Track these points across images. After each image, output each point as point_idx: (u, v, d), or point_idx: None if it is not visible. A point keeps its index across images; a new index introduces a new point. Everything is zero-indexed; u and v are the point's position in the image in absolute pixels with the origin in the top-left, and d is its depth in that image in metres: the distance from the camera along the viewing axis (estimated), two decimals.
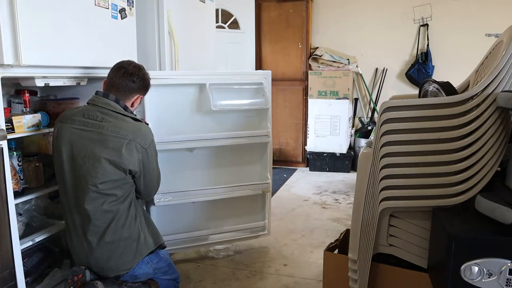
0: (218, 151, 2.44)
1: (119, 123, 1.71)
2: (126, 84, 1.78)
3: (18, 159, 1.79)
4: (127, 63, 1.81)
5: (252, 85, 2.46)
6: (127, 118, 1.75)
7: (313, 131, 4.69)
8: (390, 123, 1.46)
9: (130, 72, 1.78)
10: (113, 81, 1.77)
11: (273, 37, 4.83)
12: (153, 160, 1.83)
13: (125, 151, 1.67)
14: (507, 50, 1.34)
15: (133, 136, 1.70)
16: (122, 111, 1.75)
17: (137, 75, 1.80)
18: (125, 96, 1.79)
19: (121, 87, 1.77)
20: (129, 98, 1.81)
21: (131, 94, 1.81)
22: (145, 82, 1.85)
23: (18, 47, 1.51)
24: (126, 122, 1.73)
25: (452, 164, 1.40)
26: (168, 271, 1.89)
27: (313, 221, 3.20)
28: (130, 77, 1.78)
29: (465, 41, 4.42)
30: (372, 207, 1.55)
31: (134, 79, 1.79)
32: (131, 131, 1.71)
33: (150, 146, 1.77)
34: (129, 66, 1.80)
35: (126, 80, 1.77)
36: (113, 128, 1.69)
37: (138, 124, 1.78)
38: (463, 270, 1.22)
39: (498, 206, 1.22)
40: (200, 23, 2.93)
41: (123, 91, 1.78)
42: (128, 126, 1.72)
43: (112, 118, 1.71)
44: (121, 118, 1.74)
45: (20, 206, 1.88)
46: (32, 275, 1.85)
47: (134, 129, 1.72)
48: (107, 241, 1.69)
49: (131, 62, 1.84)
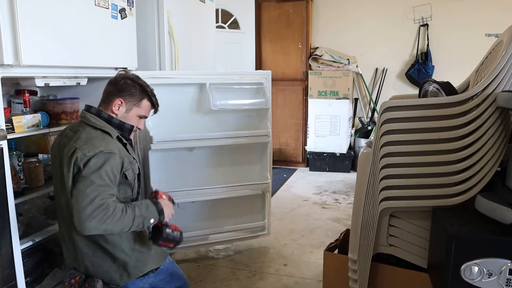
0: (218, 151, 2.44)
1: (83, 135, 1.52)
2: (105, 90, 1.65)
3: (18, 159, 1.79)
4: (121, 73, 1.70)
5: (252, 85, 2.46)
6: (94, 131, 1.54)
7: (313, 131, 4.69)
8: (390, 123, 1.46)
9: (112, 79, 1.67)
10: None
11: (273, 37, 4.83)
12: (88, 179, 1.41)
13: (67, 160, 1.46)
14: (507, 50, 1.34)
15: (82, 143, 1.46)
16: (95, 124, 1.55)
17: (115, 79, 1.66)
18: (105, 103, 1.62)
19: (103, 95, 1.65)
20: (109, 105, 1.62)
21: (109, 99, 1.62)
22: (119, 85, 1.62)
23: (18, 47, 1.51)
24: (89, 133, 1.53)
25: (452, 164, 1.40)
26: (171, 280, 1.73)
27: (313, 221, 3.20)
28: (109, 83, 1.66)
29: (465, 41, 4.42)
30: (372, 207, 1.55)
31: (111, 82, 1.65)
32: (84, 140, 1.48)
33: (94, 159, 1.43)
34: (117, 75, 1.69)
35: (106, 86, 1.66)
36: (75, 139, 1.51)
37: (99, 134, 1.54)
38: (463, 270, 1.22)
39: (498, 206, 1.22)
40: (200, 23, 2.93)
41: (103, 98, 1.64)
42: (86, 136, 1.51)
43: (84, 130, 1.54)
44: (89, 130, 1.54)
45: (20, 206, 1.88)
46: (32, 275, 1.85)
47: (88, 138, 1.50)
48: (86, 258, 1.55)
49: (127, 72, 1.71)
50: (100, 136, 1.53)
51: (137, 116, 1.67)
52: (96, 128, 1.55)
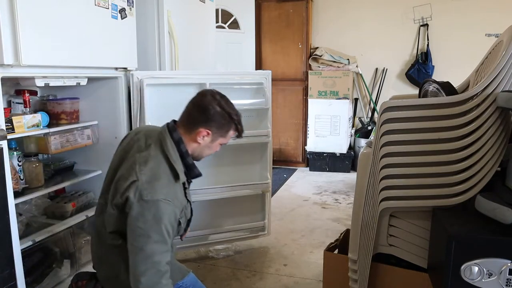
0: (218, 151, 2.43)
1: (151, 164, 1.37)
2: (190, 112, 1.49)
3: (18, 159, 1.79)
4: (208, 90, 1.54)
5: (252, 85, 2.46)
6: (164, 166, 1.39)
7: (313, 131, 4.69)
8: (390, 123, 1.46)
9: (198, 100, 1.49)
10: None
11: (273, 37, 4.83)
12: (141, 229, 1.28)
13: (123, 183, 1.36)
14: (507, 50, 1.34)
15: (144, 181, 1.32)
16: (170, 156, 1.41)
17: (202, 103, 1.47)
18: (189, 129, 1.47)
19: (186, 114, 1.50)
20: (193, 133, 1.47)
21: (194, 126, 1.46)
22: (208, 114, 1.45)
23: (18, 47, 1.51)
24: (157, 167, 1.38)
25: (452, 164, 1.40)
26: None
27: (313, 221, 3.20)
28: (192, 102, 1.49)
29: (465, 41, 4.42)
30: (372, 207, 1.55)
31: (199, 107, 1.47)
32: (148, 176, 1.34)
33: (151, 208, 1.30)
34: (205, 92, 1.50)
35: (191, 106, 1.49)
36: (141, 162, 1.38)
37: (166, 175, 1.38)
38: (463, 270, 1.22)
39: (498, 206, 1.22)
40: (200, 23, 2.92)
41: (186, 119, 1.49)
42: (153, 171, 1.36)
43: (155, 157, 1.40)
44: (159, 160, 1.39)
45: (20, 206, 1.88)
46: (32, 275, 1.85)
47: (153, 175, 1.35)
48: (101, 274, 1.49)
49: (213, 91, 1.53)
50: (166, 179, 1.37)
51: (219, 144, 1.54)
52: (168, 162, 1.40)
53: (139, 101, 2.13)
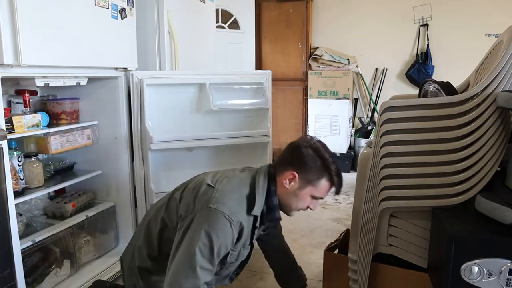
0: (218, 151, 2.44)
1: (235, 181, 1.36)
2: (285, 151, 1.43)
3: (18, 159, 1.79)
4: (309, 135, 1.49)
5: (252, 85, 2.46)
6: (245, 190, 1.34)
7: (313, 131, 4.69)
8: (390, 123, 1.46)
9: (296, 141, 1.42)
10: None
11: (273, 37, 4.83)
12: (191, 232, 1.26)
13: (194, 184, 1.36)
14: (507, 50, 1.34)
15: (219, 189, 1.31)
16: (257, 185, 1.35)
17: (298, 143, 1.40)
18: (279, 170, 1.40)
19: (282, 153, 1.44)
20: (281, 174, 1.39)
21: (283, 167, 1.39)
22: (298, 153, 1.36)
23: (18, 47, 1.51)
24: (239, 188, 1.34)
25: (452, 164, 1.40)
26: None
27: (313, 221, 3.20)
28: (290, 145, 1.42)
29: (465, 41, 4.42)
30: (372, 207, 1.55)
31: (292, 147, 1.41)
32: (225, 186, 1.32)
33: (211, 213, 1.25)
34: (304, 136, 1.45)
35: (287, 146, 1.43)
36: (225, 174, 1.37)
37: (244, 196, 1.33)
38: (463, 270, 1.22)
39: (498, 206, 1.22)
40: (200, 23, 2.92)
41: (280, 160, 1.43)
42: (232, 186, 1.33)
43: (243, 180, 1.38)
44: (244, 185, 1.35)
45: (20, 206, 1.88)
46: (32, 275, 1.85)
47: (230, 189, 1.32)
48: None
49: (314, 137, 1.48)
50: (240, 201, 1.31)
51: (310, 196, 1.37)
52: (251, 190, 1.34)
53: (139, 101, 2.13)
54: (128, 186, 2.24)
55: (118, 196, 2.28)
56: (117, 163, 2.23)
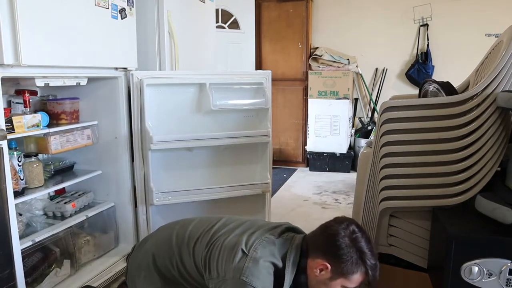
0: (218, 151, 2.44)
1: (270, 247, 1.28)
2: (318, 232, 1.32)
3: (18, 159, 1.79)
4: (347, 218, 1.34)
5: (252, 85, 2.45)
6: (276, 261, 1.27)
7: (313, 131, 4.69)
8: (390, 123, 1.46)
9: (332, 224, 1.30)
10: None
11: (273, 37, 4.83)
12: None
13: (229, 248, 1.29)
14: (507, 50, 1.34)
15: (251, 256, 1.25)
16: (288, 257, 1.29)
17: (335, 230, 1.27)
18: (312, 252, 1.30)
19: (315, 234, 1.33)
20: (313, 259, 1.29)
21: (315, 252, 1.29)
22: (334, 243, 1.24)
23: (18, 47, 1.51)
24: (272, 251, 1.28)
25: (452, 164, 1.40)
26: None
27: (313, 221, 3.19)
28: (325, 230, 1.30)
29: (465, 41, 4.42)
30: (372, 207, 1.55)
31: (328, 232, 1.29)
32: (258, 252, 1.26)
33: (242, 286, 1.20)
34: (342, 219, 1.30)
35: (321, 228, 1.32)
36: (263, 234, 1.31)
37: (271, 265, 1.26)
38: (463, 270, 1.22)
39: (498, 206, 1.22)
40: (200, 23, 2.92)
41: (314, 241, 1.32)
42: (265, 253, 1.27)
43: (278, 241, 1.32)
44: (279, 247, 1.29)
45: (20, 206, 1.88)
46: (32, 275, 1.85)
47: (262, 256, 1.26)
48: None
49: (353, 220, 1.32)
50: (272, 274, 1.25)
51: (341, 286, 1.27)
52: (283, 263, 1.28)
53: (139, 101, 2.13)
54: (128, 186, 2.25)
55: (118, 196, 2.28)
56: (117, 163, 2.23)
